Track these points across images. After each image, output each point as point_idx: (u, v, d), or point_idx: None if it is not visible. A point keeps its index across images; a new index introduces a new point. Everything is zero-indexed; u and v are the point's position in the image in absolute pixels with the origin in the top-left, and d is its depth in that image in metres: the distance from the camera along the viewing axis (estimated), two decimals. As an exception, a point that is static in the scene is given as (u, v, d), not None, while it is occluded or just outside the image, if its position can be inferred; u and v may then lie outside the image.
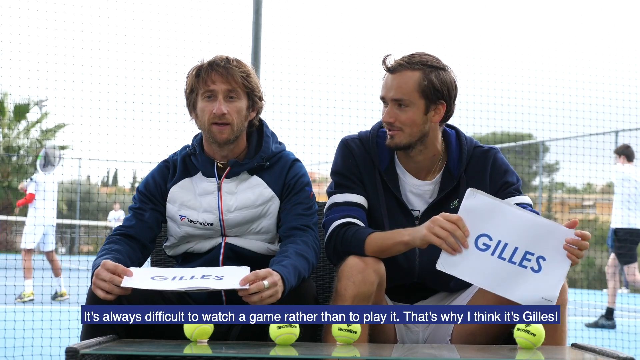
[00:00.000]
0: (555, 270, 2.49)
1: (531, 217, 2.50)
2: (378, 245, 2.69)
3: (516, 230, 2.48)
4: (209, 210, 2.85)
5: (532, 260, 2.49)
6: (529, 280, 2.49)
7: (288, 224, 2.84)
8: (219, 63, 2.81)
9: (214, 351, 2.30)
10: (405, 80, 2.76)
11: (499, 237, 2.49)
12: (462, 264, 2.51)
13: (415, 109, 2.77)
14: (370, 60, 8.58)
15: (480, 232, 2.49)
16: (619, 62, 11.11)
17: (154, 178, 2.94)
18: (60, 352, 6.20)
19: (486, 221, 2.49)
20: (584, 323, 9.50)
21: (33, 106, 26.57)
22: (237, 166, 2.87)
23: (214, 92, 2.80)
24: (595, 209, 23.65)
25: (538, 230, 2.48)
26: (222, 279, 2.53)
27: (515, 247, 2.49)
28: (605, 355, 2.26)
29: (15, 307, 9.08)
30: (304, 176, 2.93)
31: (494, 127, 8.92)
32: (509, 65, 10.02)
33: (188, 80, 2.86)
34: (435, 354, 2.43)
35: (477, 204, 2.49)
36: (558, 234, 2.49)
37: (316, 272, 3.22)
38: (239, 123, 2.82)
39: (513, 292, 2.50)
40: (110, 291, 2.51)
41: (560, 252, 2.50)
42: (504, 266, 2.49)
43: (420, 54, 2.80)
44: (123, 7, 7.29)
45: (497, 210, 2.49)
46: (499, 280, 2.50)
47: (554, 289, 2.49)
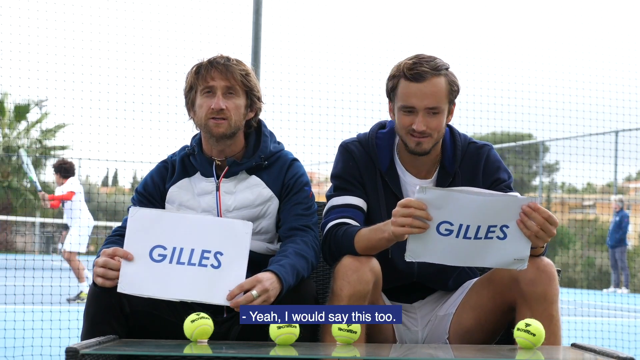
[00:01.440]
0: (520, 233, 2.52)
1: (487, 196, 2.51)
2: (365, 241, 2.69)
3: (474, 211, 2.49)
4: (207, 210, 2.85)
5: (496, 231, 2.51)
6: (498, 247, 2.52)
7: (288, 224, 2.84)
8: (219, 61, 2.82)
9: (214, 351, 2.30)
10: (437, 87, 2.75)
11: (460, 220, 2.50)
12: (430, 251, 2.53)
13: (444, 114, 2.79)
14: (370, 61, 8.60)
15: (440, 220, 2.50)
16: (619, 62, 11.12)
17: (153, 179, 2.94)
18: (60, 352, 6.19)
19: (443, 210, 2.50)
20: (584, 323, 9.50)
21: (33, 106, 26.56)
22: (235, 166, 2.87)
23: (212, 88, 2.81)
24: (595, 209, 23.65)
25: (495, 205, 2.50)
26: (218, 267, 2.57)
27: (478, 226, 2.50)
28: (605, 355, 2.26)
29: (15, 307, 9.08)
30: (303, 176, 2.93)
31: (494, 127, 8.93)
32: (509, 65, 10.03)
33: (188, 78, 2.87)
34: (435, 354, 2.43)
35: (431, 199, 2.50)
36: (515, 203, 2.51)
37: (316, 272, 3.22)
38: (236, 120, 2.83)
39: (485, 260, 2.55)
40: (103, 275, 2.56)
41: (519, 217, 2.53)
42: (470, 244, 2.52)
43: (430, 57, 2.78)
44: (123, 7, 7.29)
45: (452, 198, 2.50)
46: (469, 255, 2.54)
47: (523, 249, 2.53)
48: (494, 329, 2.80)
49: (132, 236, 2.60)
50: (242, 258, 2.58)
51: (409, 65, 2.75)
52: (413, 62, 2.75)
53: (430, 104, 2.74)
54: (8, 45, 6.94)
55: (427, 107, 2.74)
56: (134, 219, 2.62)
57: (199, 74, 2.83)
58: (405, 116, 2.77)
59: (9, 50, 6.95)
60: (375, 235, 2.66)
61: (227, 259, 2.58)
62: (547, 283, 2.63)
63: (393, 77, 2.80)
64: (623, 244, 16.40)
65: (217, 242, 2.60)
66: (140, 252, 2.58)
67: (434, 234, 2.51)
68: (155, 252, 2.58)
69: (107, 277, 2.56)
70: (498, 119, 8.89)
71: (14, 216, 25.96)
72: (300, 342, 2.35)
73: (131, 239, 2.60)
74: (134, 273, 2.55)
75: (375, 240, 2.66)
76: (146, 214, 2.64)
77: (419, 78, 2.74)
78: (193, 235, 2.61)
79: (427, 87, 2.74)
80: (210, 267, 2.57)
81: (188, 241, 2.60)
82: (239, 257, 2.58)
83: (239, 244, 2.60)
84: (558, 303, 2.65)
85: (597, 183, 19.55)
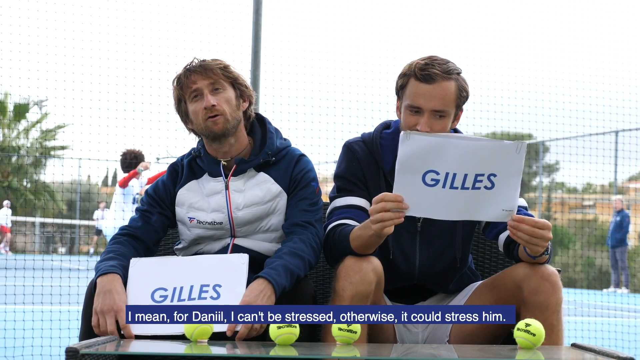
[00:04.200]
0: (508, 182, 2.50)
1: (472, 142, 2.49)
2: (358, 240, 2.67)
3: (460, 158, 2.48)
4: (217, 209, 2.86)
5: (483, 181, 2.50)
6: (486, 198, 2.51)
7: (291, 219, 2.84)
8: (194, 64, 2.85)
9: (214, 351, 2.30)
10: (446, 91, 2.74)
11: (446, 169, 2.48)
12: (418, 204, 2.51)
13: (449, 118, 2.78)
14: (370, 61, 8.60)
15: (426, 169, 2.49)
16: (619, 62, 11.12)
17: (164, 182, 2.97)
18: (60, 352, 6.19)
19: (429, 158, 2.48)
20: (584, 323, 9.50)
21: (33, 106, 26.58)
22: (242, 164, 2.88)
23: (198, 90, 2.82)
24: (595, 209, 23.66)
25: (481, 152, 2.48)
26: (217, 298, 2.61)
27: (465, 174, 2.49)
28: (605, 355, 2.26)
29: (15, 307, 9.08)
30: (311, 171, 2.93)
31: (494, 127, 8.93)
32: (509, 65, 10.02)
33: (173, 92, 2.90)
34: (435, 354, 2.43)
35: (415, 145, 2.47)
36: (502, 149, 2.49)
37: (316, 272, 3.22)
38: (231, 112, 2.83)
39: (475, 214, 2.54)
40: (98, 328, 2.59)
41: (507, 165, 2.50)
42: (458, 194, 2.50)
43: (443, 60, 2.76)
44: (123, 7, 7.29)
45: (437, 145, 2.48)
46: (458, 208, 2.52)
47: (511, 200, 2.52)
48: (494, 334, 2.79)
49: (133, 284, 2.68)
50: (240, 286, 2.62)
51: (421, 65, 2.74)
52: (425, 63, 2.74)
53: (437, 107, 2.74)
54: (8, 45, 6.94)
55: (433, 109, 2.74)
56: (134, 268, 2.72)
57: (181, 84, 2.85)
58: (411, 116, 2.77)
59: (9, 50, 6.95)
60: (365, 232, 2.65)
61: (225, 290, 2.62)
62: (550, 292, 2.61)
63: (404, 75, 2.80)
64: (624, 244, 16.41)
65: (215, 276, 2.66)
66: (143, 297, 2.64)
67: (419, 184, 2.49)
68: (157, 294, 2.65)
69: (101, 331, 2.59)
70: (498, 119, 8.89)
71: (14, 216, 25.98)
72: (300, 342, 2.35)
73: (133, 287, 2.67)
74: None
75: (366, 237, 2.65)
76: (145, 263, 2.74)
77: (429, 79, 2.73)
78: (192, 273, 2.69)
79: (436, 90, 2.73)
80: (210, 299, 2.61)
81: (187, 279, 2.67)
82: (238, 285, 2.62)
83: (237, 274, 2.65)
84: (560, 312, 2.63)
85: (597, 183, 19.55)
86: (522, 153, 2.50)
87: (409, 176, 2.49)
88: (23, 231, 25.51)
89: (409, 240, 2.88)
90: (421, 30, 21.10)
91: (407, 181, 2.49)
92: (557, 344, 2.61)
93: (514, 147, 2.48)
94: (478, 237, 3.20)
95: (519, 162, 2.50)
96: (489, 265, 3.24)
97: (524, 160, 2.54)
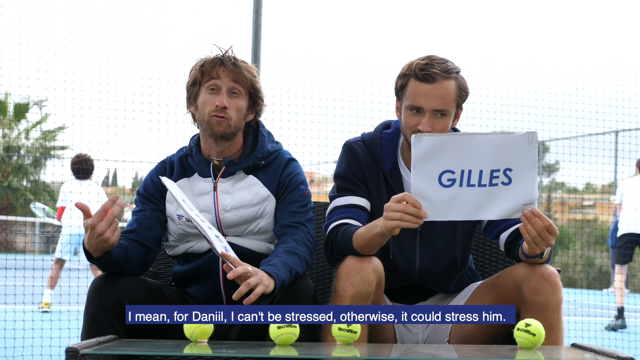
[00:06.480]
0: (525, 175, 2.49)
1: (483, 136, 2.49)
2: (361, 239, 2.68)
3: (473, 154, 2.48)
4: (205, 210, 2.86)
5: (500, 177, 2.49)
6: (504, 194, 2.50)
7: (281, 222, 2.84)
8: (227, 59, 2.82)
9: (214, 351, 2.30)
10: (447, 90, 2.74)
11: (460, 167, 2.48)
12: (436, 209, 2.50)
13: (450, 117, 2.78)
14: (370, 60, 8.59)
15: (441, 170, 2.49)
16: (619, 62, 11.11)
17: (152, 179, 2.95)
18: (60, 352, 6.20)
19: (442, 158, 2.48)
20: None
21: (33, 106, 26.56)
22: (232, 165, 2.88)
23: (218, 86, 2.82)
24: (595, 209, 23.64)
25: (494, 146, 2.48)
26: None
27: (480, 170, 2.48)
28: (605, 355, 2.26)
29: (15, 307, 9.08)
30: (299, 175, 2.93)
31: (494, 127, 8.92)
32: (509, 65, 10.01)
33: (192, 72, 2.88)
34: (435, 353, 2.43)
35: (427, 147, 2.47)
36: (514, 141, 2.48)
37: (316, 272, 3.22)
38: (237, 120, 2.84)
39: (494, 211, 2.52)
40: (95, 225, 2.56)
41: (521, 158, 2.49)
42: (476, 192, 2.50)
43: (442, 59, 2.77)
44: (123, 7, 7.29)
45: (449, 144, 2.48)
46: (477, 206, 2.51)
47: (530, 192, 2.51)
48: (494, 334, 2.79)
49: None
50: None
51: (421, 65, 2.75)
52: (425, 63, 2.75)
53: (437, 106, 2.74)
54: (8, 45, 6.94)
55: (434, 108, 2.74)
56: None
57: (205, 70, 2.83)
58: (412, 116, 2.77)
59: (9, 50, 6.94)
60: (370, 231, 2.65)
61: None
62: (549, 292, 2.62)
63: (403, 75, 2.80)
64: (624, 244, 16.37)
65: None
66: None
67: (437, 187, 2.49)
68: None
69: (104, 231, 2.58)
70: (498, 119, 8.87)
71: (14, 216, 25.96)
72: (300, 342, 2.35)
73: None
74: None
75: (370, 236, 2.65)
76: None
77: (429, 79, 2.73)
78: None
79: (437, 89, 2.73)
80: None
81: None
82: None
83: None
84: (560, 312, 2.63)
85: (597, 183, 19.54)
86: (534, 144, 2.49)
87: (426, 180, 2.49)
88: (23, 231, 25.47)
89: (409, 240, 2.88)
90: (421, 30, 21.05)
91: (424, 185, 2.49)
92: (557, 344, 2.61)
93: (525, 139, 2.47)
94: (478, 237, 3.20)
95: (532, 153, 2.49)
96: (489, 265, 3.24)
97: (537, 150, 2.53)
